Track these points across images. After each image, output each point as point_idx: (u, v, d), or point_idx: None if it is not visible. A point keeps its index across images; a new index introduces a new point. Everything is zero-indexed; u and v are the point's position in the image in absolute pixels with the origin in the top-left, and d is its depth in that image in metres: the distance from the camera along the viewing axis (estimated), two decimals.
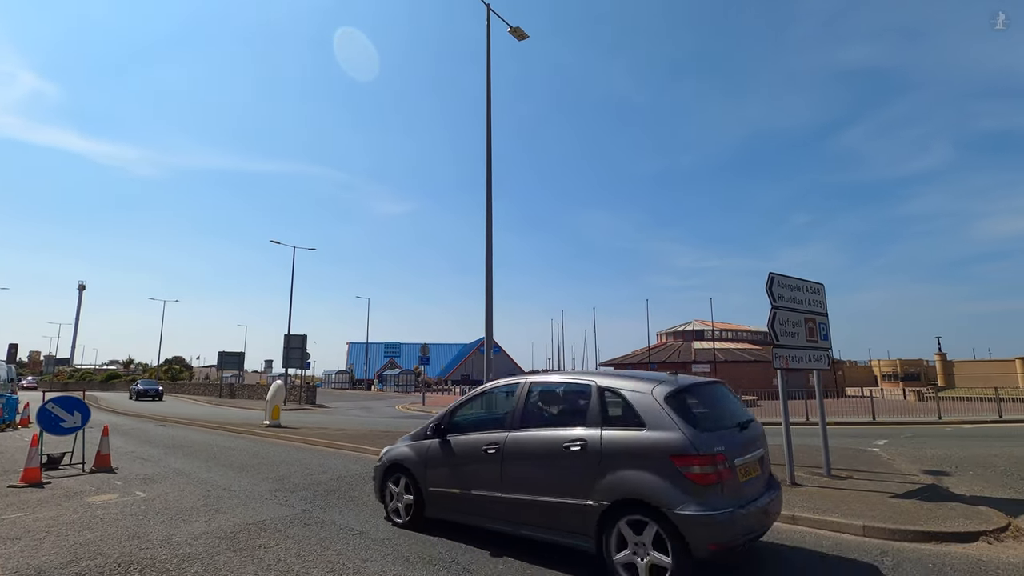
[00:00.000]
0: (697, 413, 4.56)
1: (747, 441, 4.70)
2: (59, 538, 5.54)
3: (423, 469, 5.92)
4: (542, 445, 4.92)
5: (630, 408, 4.56)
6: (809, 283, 8.32)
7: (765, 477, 4.92)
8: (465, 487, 5.49)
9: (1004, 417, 18.16)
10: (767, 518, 4.52)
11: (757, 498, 4.43)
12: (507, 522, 5.11)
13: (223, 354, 49.86)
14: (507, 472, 5.10)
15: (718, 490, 4.06)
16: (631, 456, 4.34)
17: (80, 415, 9.80)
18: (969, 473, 8.65)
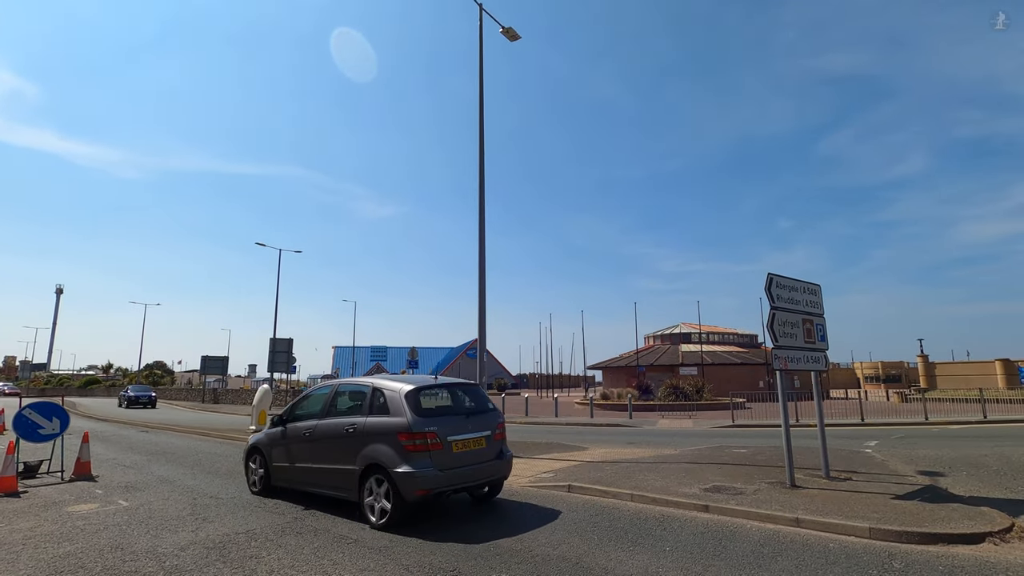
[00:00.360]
0: (426, 406, 6.54)
1: (467, 425, 6.61)
2: (37, 551, 5.27)
3: (270, 450, 7.91)
4: (334, 429, 6.94)
5: (386, 402, 6.53)
6: (806, 284, 8.30)
7: (493, 449, 6.83)
8: (292, 461, 7.49)
9: (989, 417, 18.40)
10: (478, 475, 6.52)
11: (473, 464, 6.45)
12: (315, 485, 7.12)
13: (206, 358, 49.06)
14: (315, 449, 7.16)
15: (426, 456, 6.05)
16: (379, 435, 6.33)
17: (59, 421, 9.45)
18: (963, 473, 8.68)
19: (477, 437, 6.64)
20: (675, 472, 8.57)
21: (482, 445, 6.67)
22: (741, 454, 10.55)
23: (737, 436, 15.61)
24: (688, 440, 14.45)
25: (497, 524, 6.10)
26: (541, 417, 24.27)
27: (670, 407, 26.89)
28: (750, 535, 5.52)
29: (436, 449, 6.14)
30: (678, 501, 6.67)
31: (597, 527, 5.91)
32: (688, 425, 19.70)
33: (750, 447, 11.78)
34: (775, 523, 5.84)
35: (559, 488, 7.85)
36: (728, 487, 7.30)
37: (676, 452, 11.26)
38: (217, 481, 8.94)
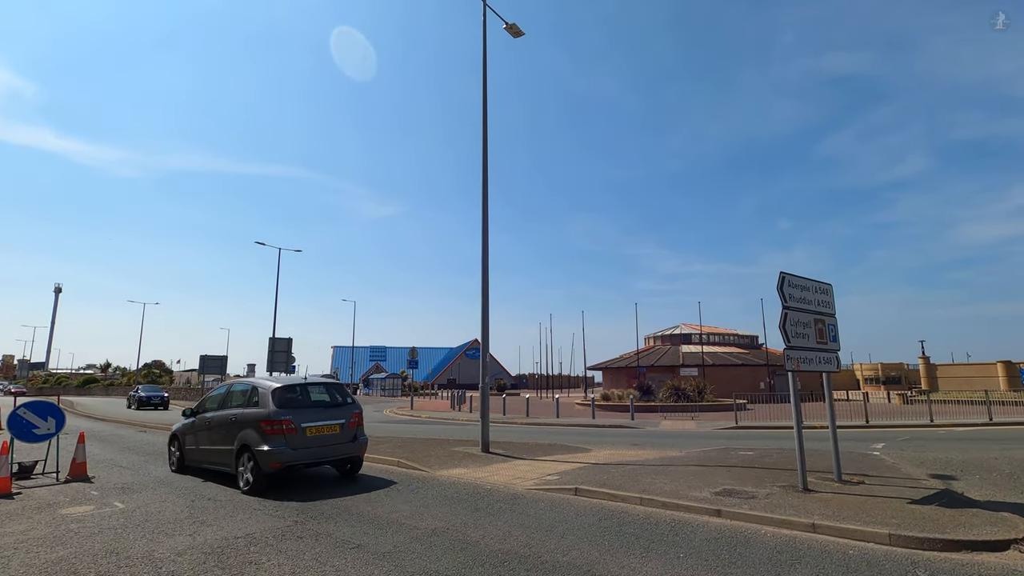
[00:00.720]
0: (287, 399, 8.35)
1: (323, 415, 8.51)
2: (29, 555, 5.10)
3: (183, 436, 9.95)
4: (223, 418, 8.88)
5: (259, 397, 8.43)
6: (818, 283, 8.13)
7: (348, 435, 8.71)
8: (197, 445, 9.52)
9: (994, 420, 18.26)
10: (330, 454, 8.46)
11: (325, 445, 8.34)
12: (211, 463, 9.14)
13: (205, 358, 48.84)
14: (211, 435, 9.12)
15: (281, 438, 7.89)
16: (250, 422, 8.18)
17: (54, 421, 9.27)
18: (976, 477, 8.52)
19: (331, 424, 8.53)
20: (683, 475, 8.40)
21: (336, 431, 8.54)
22: (748, 456, 10.38)
23: (742, 438, 15.45)
24: (692, 442, 14.28)
25: (510, 532, 5.92)
26: (542, 418, 24.10)
27: (672, 408, 26.72)
28: (765, 541, 5.35)
29: (291, 433, 8.00)
30: (689, 505, 6.50)
31: (607, 532, 5.74)
32: (691, 426, 19.53)
33: (757, 449, 11.62)
34: (791, 528, 5.66)
35: (565, 491, 7.68)
36: (739, 491, 7.13)
37: (682, 454, 11.09)
38: (214, 483, 8.75)
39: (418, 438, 14.88)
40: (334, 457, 8.59)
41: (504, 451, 11.79)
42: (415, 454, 11.18)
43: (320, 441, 8.29)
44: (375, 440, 14.22)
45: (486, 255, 12.78)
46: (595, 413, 24.54)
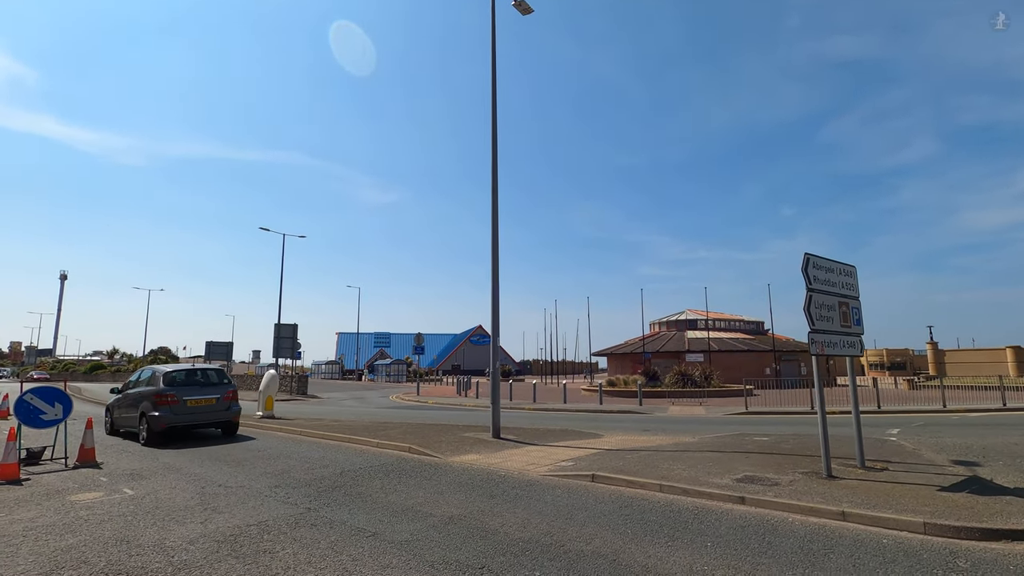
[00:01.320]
0: (173, 379, 11.89)
1: (202, 391, 12.01)
2: (38, 543, 4.97)
3: (113, 408, 13.43)
4: (135, 394, 12.29)
5: (156, 379, 11.95)
6: (843, 265, 7.88)
7: (223, 406, 12.21)
8: (120, 414, 12.93)
9: (1008, 405, 18.04)
10: (206, 419, 11.98)
11: (202, 413, 11.82)
12: (126, 426, 12.56)
13: (211, 344, 48.78)
14: (128, 406, 12.41)
15: (167, 407, 11.29)
16: (148, 396, 11.60)
17: (61, 407, 9.16)
18: (1000, 463, 8.32)
19: (208, 397, 12.08)
20: (701, 461, 8.24)
21: (212, 402, 12.09)
22: (764, 442, 10.22)
23: (754, 423, 15.30)
24: (704, 427, 14.14)
25: (528, 519, 5.77)
26: (549, 403, 24.01)
27: (679, 394, 26.59)
28: (794, 530, 5.18)
29: (174, 403, 11.45)
30: (711, 492, 6.33)
31: (629, 520, 5.58)
32: (700, 412, 19.40)
33: (771, 435, 11.46)
34: (819, 516, 5.49)
35: (582, 478, 7.52)
36: (761, 477, 6.96)
37: (695, 440, 10.94)
38: (225, 469, 8.65)
39: (427, 424, 14.78)
40: (210, 421, 12.20)
41: (515, 437, 11.66)
42: (426, 440, 11.06)
43: (199, 409, 11.86)
44: (383, 426, 14.13)
45: (496, 240, 12.54)
46: (603, 399, 24.43)
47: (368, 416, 18.76)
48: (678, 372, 29.84)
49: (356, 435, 11.92)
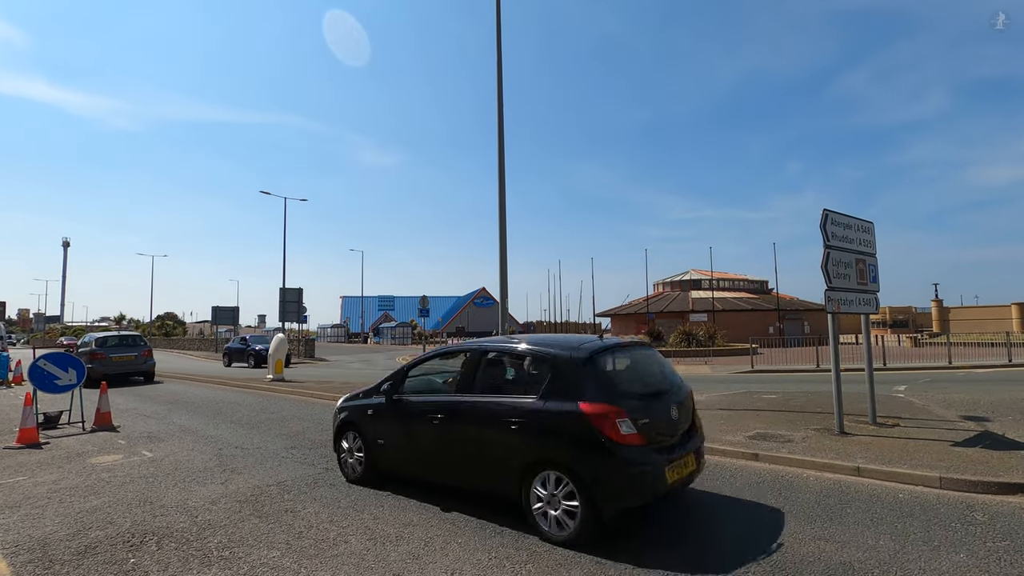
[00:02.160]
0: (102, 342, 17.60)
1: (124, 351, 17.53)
2: (63, 505, 5.05)
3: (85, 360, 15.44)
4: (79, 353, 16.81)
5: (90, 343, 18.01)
6: (860, 222, 7.72)
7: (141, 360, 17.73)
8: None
9: (1014, 361, 18.09)
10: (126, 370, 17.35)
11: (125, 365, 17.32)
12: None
13: (217, 309, 49.20)
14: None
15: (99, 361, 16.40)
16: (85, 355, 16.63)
17: (75, 372, 9.22)
18: (1009, 419, 8.34)
19: (128, 355, 17.30)
20: (712, 419, 8.28)
21: (132, 358, 17.28)
22: (773, 400, 10.28)
23: (760, 382, 15.40)
24: (711, 386, 14.24)
25: None
26: None
27: (684, 353, 26.75)
28: (810, 485, 5.23)
29: (103, 359, 16.35)
30: (724, 449, 6.38)
31: None
32: (705, 371, 19.53)
33: (779, 392, 11.52)
34: (834, 472, 5.53)
35: None
36: (774, 435, 7.00)
37: (704, 398, 11.00)
38: (241, 431, 8.76)
39: None
40: (131, 371, 17.38)
41: None
42: None
43: (122, 363, 17.11)
44: None
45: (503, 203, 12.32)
46: None
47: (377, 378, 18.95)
48: (682, 332, 29.95)
49: None
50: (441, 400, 5.07)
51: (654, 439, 4.07)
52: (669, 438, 4.24)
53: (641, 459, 3.92)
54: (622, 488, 3.87)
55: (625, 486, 3.87)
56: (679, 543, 3.96)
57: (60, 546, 4.03)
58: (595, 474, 3.87)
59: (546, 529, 4.02)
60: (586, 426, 3.94)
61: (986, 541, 3.80)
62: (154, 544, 4.04)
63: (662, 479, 3.95)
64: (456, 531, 4.20)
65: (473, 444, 4.61)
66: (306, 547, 3.93)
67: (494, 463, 4.46)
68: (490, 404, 4.57)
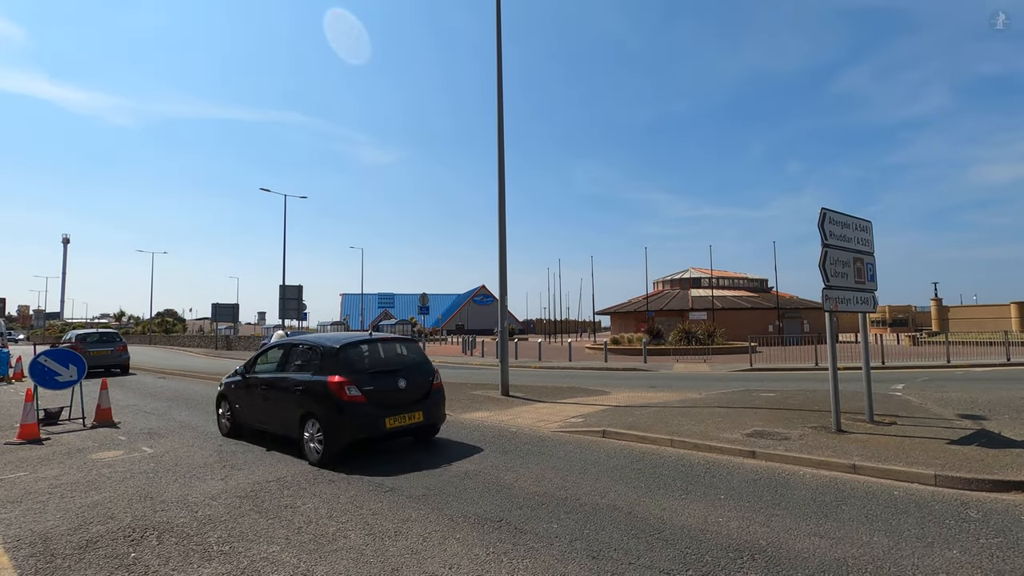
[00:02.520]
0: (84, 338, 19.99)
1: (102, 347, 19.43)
2: (64, 500, 5.08)
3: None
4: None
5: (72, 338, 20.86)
6: (858, 220, 7.74)
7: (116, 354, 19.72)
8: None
9: (1012, 360, 18.12)
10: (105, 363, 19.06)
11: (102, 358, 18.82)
12: None
13: (217, 306, 49.21)
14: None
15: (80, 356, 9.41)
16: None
17: (75, 368, 9.24)
18: (1006, 417, 8.38)
19: (105, 349, 19.30)
20: (709, 417, 8.33)
21: (108, 353, 19.21)
22: (771, 398, 10.31)
23: (759, 380, 15.44)
24: (710, 384, 14.28)
25: (543, 475, 5.86)
26: (555, 361, 24.26)
27: (683, 351, 26.79)
28: (806, 482, 5.26)
29: (84, 353, 13.51)
30: (721, 447, 6.41)
31: (641, 474, 5.67)
32: (704, 369, 19.57)
33: (777, 391, 11.56)
34: (830, 470, 5.57)
35: (592, 433, 7.63)
36: (770, 432, 7.04)
37: (702, 396, 11.05)
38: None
39: None
40: (108, 364, 18.91)
41: (524, 394, 11.80)
42: None
43: (100, 357, 18.47)
44: None
45: (502, 201, 12.35)
46: (608, 357, 24.66)
47: None
48: (682, 330, 29.98)
49: None
50: (266, 377, 7.43)
51: (377, 399, 6.35)
52: (393, 399, 6.50)
53: (363, 411, 6.21)
54: (349, 430, 6.14)
55: (351, 429, 6.14)
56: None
57: (61, 540, 4.07)
58: (332, 421, 6.15)
59: (308, 455, 6.37)
60: (328, 391, 6.24)
61: (979, 538, 3.84)
62: (155, 539, 4.08)
63: (381, 425, 6.31)
64: (454, 526, 4.24)
65: (279, 403, 7.02)
66: (305, 542, 3.96)
67: (288, 415, 6.77)
68: (288, 379, 6.98)
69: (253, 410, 7.55)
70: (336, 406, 6.13)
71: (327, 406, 6.19)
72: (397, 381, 6.61)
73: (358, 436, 6.20)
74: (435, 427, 7.25)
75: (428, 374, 7.12)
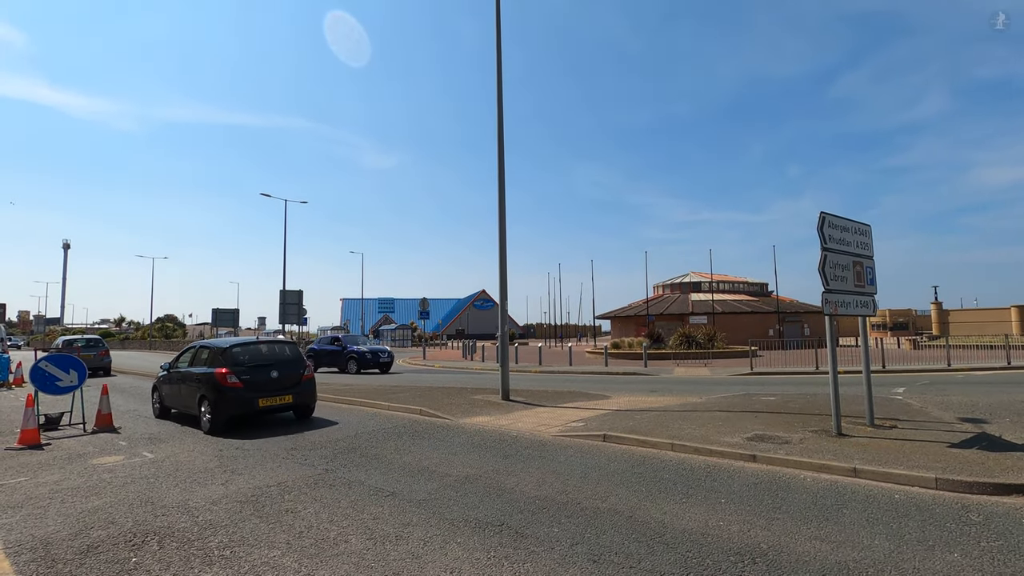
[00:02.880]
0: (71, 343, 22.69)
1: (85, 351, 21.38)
2: (65, 505, 5.08)
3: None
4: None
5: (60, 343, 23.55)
6: (857, 224, 7.76)
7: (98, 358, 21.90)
8: None
9: (1013, 364, 18.11)
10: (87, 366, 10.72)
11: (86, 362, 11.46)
12: None
13: (217, 311, 49.22)
14: None
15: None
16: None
17: (76, 373, 9.25)
18: (1007, 420, 8.37)
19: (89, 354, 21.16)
20: (710, 421, 8.32)
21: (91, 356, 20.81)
22: (772, 402, 10.31)
23: (760, 384, 15.43)
24: (710, 388, 14.27)
25: (543, 479, 5.86)
26: (555, 366, 24.25)
27: (683, 355, 26.77)
28: (807, 486, 5.26)
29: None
30: (722, 451, 6.41)
31: (642, 478, 5.66)
32: (705, 373, 19.56)
33: (778, 395, 11.56)
34: (831, 473, 5.56)
35: (593, 438, 7.62)
36: (771, 436, 7.04)
37: (703, 400, 11.05)
38: (241, 432, 8.79)
39: (436, 387, 14.95)
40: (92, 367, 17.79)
41: (524, 399, 11.80)
42: (436, 403, 11.20)
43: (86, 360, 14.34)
44: (393, 389, 14.29)
45: (503, 205, 12.39)
46: (608, 361, 24.65)
47: (377, 380, 18.98)
48: (682, 334, 29.97)
49: (367, 398, 12.08)
50: (180, 371, 9.86)
51: (252, 385, 8.70)
52: (266, 386, 8.87)
53: (239, 394, 8.56)
54: (228, 407, 8.53)
55: (230, 406, 8.53)
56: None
57: (62, 545, 4.07)
58: (216, 400, 8.52)
59: (203, 426, 8.76)
60: (214, 379, 8.62)
61: (980, 541, 3.84)
62: (156, 544, 4.08)
63: (255, 404, 8.64)
64: (455, 531, 4.24)
65: (187, 390, 9.41)
66: (306, 547, 3.96)
67: (191, 398, 9.19)
68: (192, 372, 9.39)
69: (172, 397, 10.05)
70: (219, 390, 8.50)
71: (213, 390, 8.54)
72: (271, 372, 8.98)
73: (235, 412, 8.57)
74: (307, 407, 9.73)
75: (300, 368, 9.44)
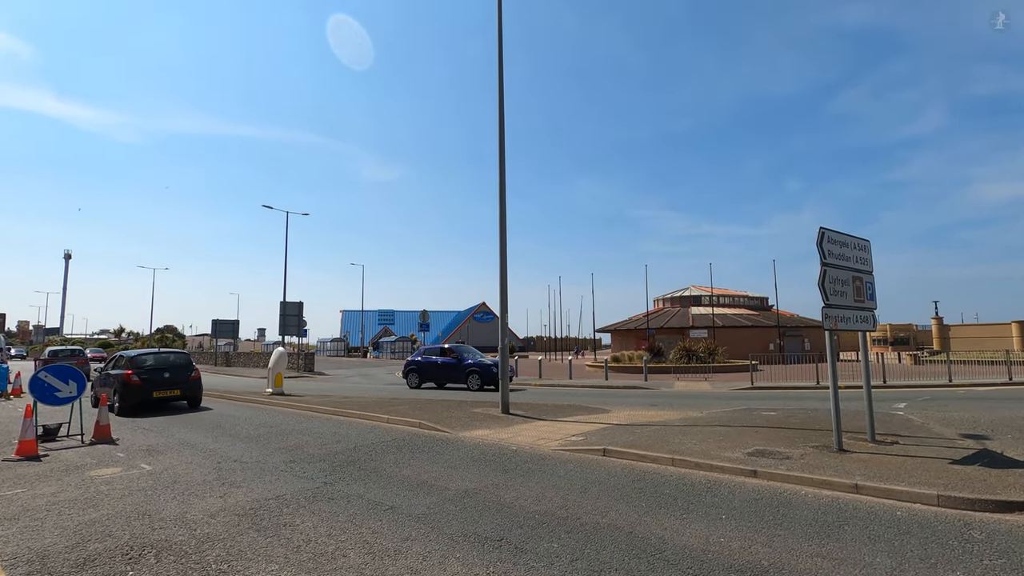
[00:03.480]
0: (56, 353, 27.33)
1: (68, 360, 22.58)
2: (62, 517, 5.05)
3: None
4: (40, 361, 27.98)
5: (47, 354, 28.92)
6: (857, 239, 7.80)
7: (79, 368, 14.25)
8: None
9: (1014, 379, 18.06)
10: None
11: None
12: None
13: (217, 322, 49.23)
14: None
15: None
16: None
17: (75, 384, 9.25)
18: (1009, 437, 8.34)
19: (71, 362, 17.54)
20: (710, 435, 8.29)
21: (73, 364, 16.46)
22: (773, 417, 10.27)
23: (760, 398, 15.38)
24: (711, 402, 14.23)
25: (543, 493, 5.83)
26: (555, 379, 24.17)
27: (683, 369, 26.72)
28: (808, 502, 5.23)
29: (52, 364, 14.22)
30: (723, 466, 6.38)
31: (643, 493, 5.63)
32: (705, 387, 19.51)
33: (779, 409, 11.52)
34: (832, 489, 5.53)
35: (593, 452, 7.59)
36: (772, 451, 7.01)
37: (703, 414, 11.01)
38: (240, 445, 8.76)
39: (435, 400, 14.91)
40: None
41: (524, 412, 11.76)
42: (435, 416, 11.16)
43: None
44: (392, 402, 14.25)
45: (503, 219, 12.45)
46: (608, 375, 24.58)
47: (376, 392, 18.93)
48: (682, 348, 29.93)
49: (366, 411, 12.04)
50: (108, 372, 13.85)
51: (149, 382, 13.00)
52: (160, 383, 13.16)
53: (138, 388, 12.83)
54: (130, 396, 12.76)
55: (131, 396, 12.75)
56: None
57: (59, 558, 4.04)
58: (122, 392, 12.77)
59: (116, 411, 12.56)
60: (123, 378, 12.87)
61: (983, 559, 3.81)
62: (153, 557, 4.05)
63: (151, 395, 12.96)
64: (454, 546, 4.21)
65: (112, 386, 13.17)
66: (304, 561, 3.94)
67: (112, 391, 13.08)
68: (113, 373, 13.39)
69: (104, 389, 13.54)
70: (126, 385, 12.67)
71: (123, 385, 12.69)
72: (164, 374, 13.34)
73: (135, 400, 12.67)
74: (195, 398, 14.05)
75: (188, 371, 13.95)
